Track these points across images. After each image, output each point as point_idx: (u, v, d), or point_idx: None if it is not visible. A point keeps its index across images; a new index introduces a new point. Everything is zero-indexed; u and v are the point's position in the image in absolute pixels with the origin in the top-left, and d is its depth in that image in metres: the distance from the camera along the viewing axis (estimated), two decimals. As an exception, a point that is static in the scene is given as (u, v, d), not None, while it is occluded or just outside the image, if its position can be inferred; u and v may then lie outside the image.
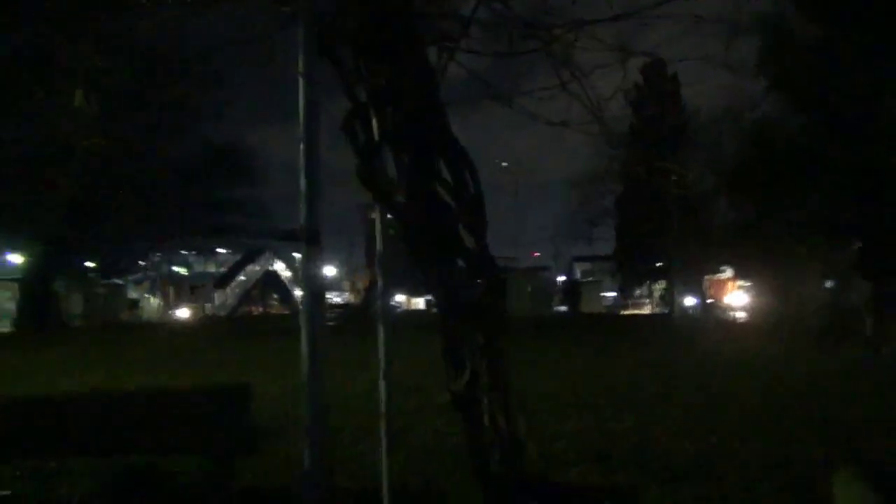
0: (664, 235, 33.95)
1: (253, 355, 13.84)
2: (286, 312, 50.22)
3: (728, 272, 44.46)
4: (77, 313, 32.05)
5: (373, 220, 4.08)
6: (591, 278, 49.78)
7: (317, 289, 3.17)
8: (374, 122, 3.43)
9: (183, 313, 43.59)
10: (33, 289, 26.18)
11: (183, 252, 48.59)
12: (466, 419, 3.40)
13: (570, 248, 48.52)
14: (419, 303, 48.45)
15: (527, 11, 4.60)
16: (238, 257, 52.29)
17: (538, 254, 58.98)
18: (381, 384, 4.54)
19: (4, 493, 4.64)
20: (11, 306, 29.39)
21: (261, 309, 51.72)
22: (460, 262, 3.49)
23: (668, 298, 39.58)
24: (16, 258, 29.14)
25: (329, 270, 78.59)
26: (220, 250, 48.32)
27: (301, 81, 3.05)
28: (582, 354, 13.70)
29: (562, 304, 40.76)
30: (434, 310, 4.42)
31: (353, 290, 70.18)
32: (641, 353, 13.95)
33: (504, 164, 48.15)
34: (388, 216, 3.70)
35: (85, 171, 20.22)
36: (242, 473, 4.59)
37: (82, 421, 4.01)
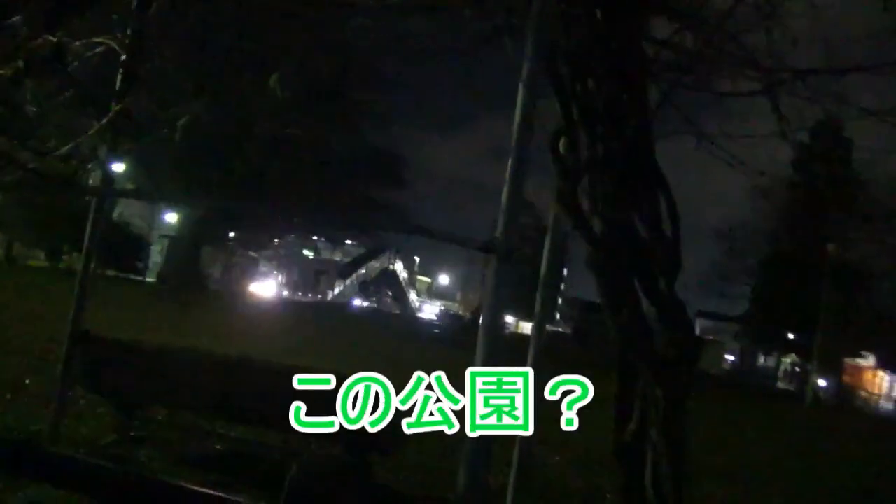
0: (808, 308, 31.36)
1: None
2: (396, 311, 51.34)
3: (870, 359, 40.63)
4: (214, 278, 34.55)
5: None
6: (710, 337, 47.10)
7: (499, 304, 3.05)
8: (583, 144, 3.28)
9: (303, 295, 45.70)
10: (182, 248, 28.33)
11: (314, 238, 50.85)
12: (625, 472, 3.15)
13: (694, 300, 46.11)
14: (526, 328, 48.04)
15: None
16: (362, 251, 53.94)
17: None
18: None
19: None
20: (159, 259, 32.14)
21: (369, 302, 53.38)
22: (648, 306, 3.23)
23: (802, 376, 36.71)
24: (171, 217, 31.66)
25: (443, 279, 79.64)
26: (347, 242, 50.11)
27: (520, 93, 2.96)
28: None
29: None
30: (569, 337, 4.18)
31: (463, 302, 70.66)
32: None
33: None
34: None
35: (258, 153, 21.92)
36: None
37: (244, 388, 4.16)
